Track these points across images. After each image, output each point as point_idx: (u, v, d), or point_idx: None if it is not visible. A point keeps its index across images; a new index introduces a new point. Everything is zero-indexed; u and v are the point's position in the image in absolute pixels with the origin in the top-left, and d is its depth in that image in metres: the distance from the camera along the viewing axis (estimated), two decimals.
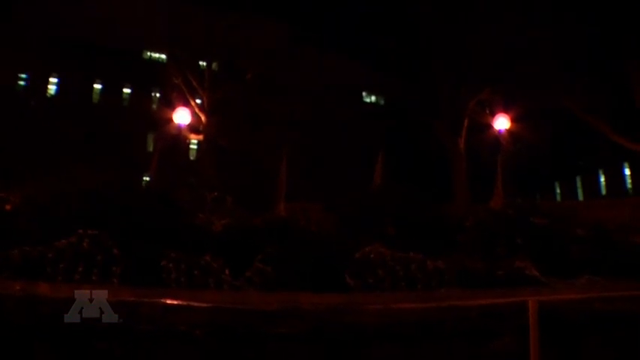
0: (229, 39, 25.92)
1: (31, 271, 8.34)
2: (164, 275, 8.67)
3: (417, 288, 9.32)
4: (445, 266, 9.73)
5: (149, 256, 8.81)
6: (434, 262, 9.71)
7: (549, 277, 10.25)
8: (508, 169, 19.50)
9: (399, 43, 25.08)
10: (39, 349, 5.69)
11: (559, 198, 41.39)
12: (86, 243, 8.68)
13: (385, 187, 15.55)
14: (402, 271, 9.40)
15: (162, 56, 33.82)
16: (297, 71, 29.48)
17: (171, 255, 8.83)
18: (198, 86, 26.51)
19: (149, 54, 38.32)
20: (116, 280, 8.53)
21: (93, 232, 8.83)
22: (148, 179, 20.09)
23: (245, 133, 26.58)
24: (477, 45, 23.05)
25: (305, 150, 28.25)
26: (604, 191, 39.83)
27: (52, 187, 11.05)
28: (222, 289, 8.76)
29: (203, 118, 26.34)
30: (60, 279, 8.31)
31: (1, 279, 7.99)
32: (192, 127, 25.60)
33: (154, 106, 36.71)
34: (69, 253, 8.60)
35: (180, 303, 6.55)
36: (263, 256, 9.22)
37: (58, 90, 36.13)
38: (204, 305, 6.43)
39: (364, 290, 9.10)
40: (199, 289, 8.58)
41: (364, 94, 44.71)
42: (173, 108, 22.88)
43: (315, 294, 7.98)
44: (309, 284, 8.52)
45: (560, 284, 10.14)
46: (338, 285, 9.04)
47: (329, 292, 8.31)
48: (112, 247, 8.77)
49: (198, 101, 26.80)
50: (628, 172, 38.00)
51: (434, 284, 9.48)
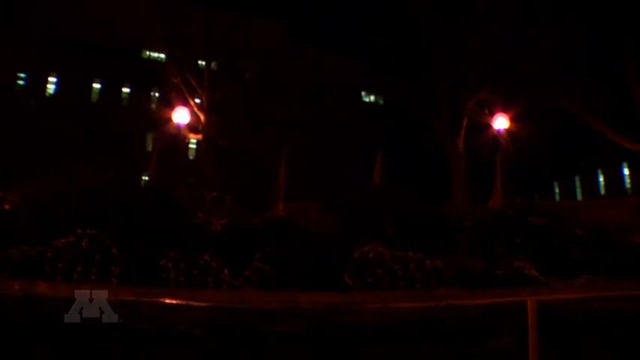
0: (229, 39, 25.91)
1: (30, 271, 8.34)
2: (163, 275, 8.68)
3: (416, 287, 9.33)
4: (444, 266, 9.74)
5: (148, 256, 8.81)
6: (433, 261, 9.72)
7: (548, 277, 10.26)
8: (507, 168, 19.50)
9: (399, 43, 25.04)
10: (38, 348, 5.69)
11: (558, 198, 41.44)
12: (85, 242, 8.69)
13: (384, 186, 15.56)
14: (400, 271, 9.41)
15: (162, 56, 33.75)
16: (297, 71, 29.47)
17: (171, 254, 8.84)
18: (197, 86, 26.50)
19: (148, 53, 38.30)
20: (115, 280, 8.53)
21: (92, 231, 8.84)
22: (147, 179, 20.11)
23: (245, 133, 26.56)
24: (476, 45, 23.03)
25: (305, 150, 28.26)
26: (603, 191, 39.86)
27: (51, 186, 11.05)
28: (221, 288, 8.77)
29: (202, 117, 26.33)
30: (59, 278, 8.31)
31: (1, 279, 7.99)
32: (192, 127, 25.58)
33: (153, 106, 36.70)
34: (68, 252, 8.60)
35: (180, 302, 6.55)
36: (262, 256, 9.22)
37: (57, 89, 36.12)
38: (203, 304, 6.43)
39: (363, 289, 9.10)
40: (198, 288, 8.58)
41: (363, 94, 44.72)
42: (172, 107, 22.85)
43: (314, 293, 7.98)
44: (307, 284, 8.53)
45: (559, 284, 10.15)
46: (337, 284, 9.04)
47: (328, 292, 8.31)
48: (111, 246, 8.77)
49: (197, 101, 26.79)
50: (627, 171, 38.03)
51: (433, 284, 9.49)
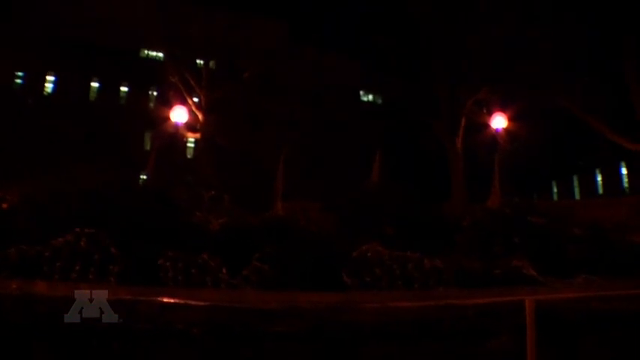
0: (229, 38, 25.86)
1: (29, 270, 8.32)
2: (161, 274, 8.67)
3: (415, 287, 9.34)
4: (442, 265, 9.75)
5: (146, 255, 8.80)
6: (431, 261, 9.73)
7: (546, 277, 10.27)
8: (505, 168, 19.52)
9: (399, 43, 25.03)
10: (36, 348, 5.67)
11: (556, 197, 41.41)
12: (83, 242, 8.67)
13: (384, 186, 15.57)
14: (399, 270, 9.42)
15: (160, 55, 33.67)
16: (297, 71, 29.39)
17: (169, 254, 8.83)
18: (195, 85, 26.46)
19: (146, 52, 38.20)
20: (113, 279, 8.52)
21: (90, 230, 8.82)
22: (145, 178, 20.09)
23: (245, 132, 26.52)
24: (476, 45, 23.03)
25: (304, 149, 28.16)
26: (601, 190, 39.90)
27: (50, 186, 11.03)
28: (219, 287, 8.76)
29: (200, 116, 26.30)
30: (57, 277, 8.29)
31: None
32: (190, 126, 25.56)
33: (151, 105, 36.61)
34: (66, 251, 8.58)
35: (178, 301, 6.54)
36: (261, 255, 9.22)
37: (55, 88, 36.00)
38: (201, 304, 6.42)
39: (362, 289, 9.11)
40: (197, 287, 8.58)
41: (363, 93, 44.71)
42: (170, 106, 22.80)
43: (313, 293, 7.98)
44: (306, 283, 8.52)
45: (558, 283, 10.16)
46: (335, 284, 9.04)
47: (327, 291, 8.31)
48: (109, 245, 8.75)
49: (195, 100, 26.76)
50: (625, 171, 38.08)
51: (431, 283, 9.50)
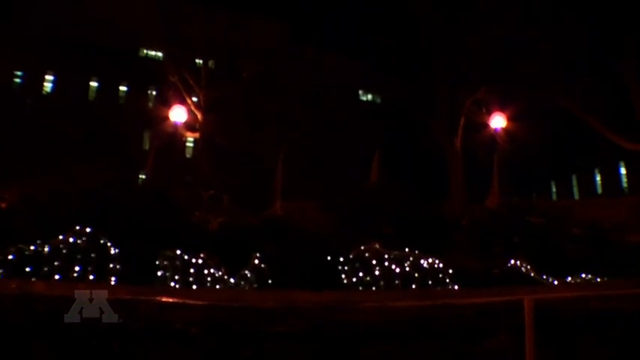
0: (229, 38, 25.82)
1: (28, 269, 8.31)
2: (160, 273, 8.66)
3: (413, 286, 9.35)
4: (441, 265, 9.76)
5: (145, 254, 8.80)
6: (430, 260, 9.74)
7: (545, 276, 10.31)
8: (504, 168, 19.53)
9: (399, 43, 25.02)
10: (36, 347, 5.66)
11: (555, 197, 41.41)
12: (82, 241, 8.67)
13: (383, 186, 15.57)
14: (397, 270, 9.42)
15: (159, 54, 33.62)
16: (297, 71, 29.36)
17: (167, 253, 8.83)
18: (194, 84, 26.44)
19: (145, 52, 38.12)
20: (112, 278, 8.52)
21: (89, 230, 8.81)
22: (144, 177, 20.06)
23: (245, 132, 26.49)
24: (476, 45, 23.02)
25: (304, 149, 28.16)
26: (600, 190, 39.92)
27: (50, 186, 11.02)
28: (218, 287, 8.76)
29: (199, 116, 26.28)
30: (56, 277, 8.29)
31: None
32: (189, 125, 25.54)
33: (150, 104, 36.54)
34: (65, 251, 8.58)
35: (176, 301, 6.53)
36: (259, 254, 9.22)
37: (54, 88, 35.90)
38: (199, 303, 6.41)
39: (360, 288, 9.11)
40: (195, 286, 8.58)
41: (362, 93, 44.68)
42: (169, 106, 22.79)
43: (311, 292, 7.98)
44: (305, 282, 8.52)
45: (556, 283, 10.20)
46: (335, 283, 9.05)
47: (325, 290, 8.31)
48: (108, 245, 8.75)
49: (194, 99, 26.74)
50: (624, 171, 38.09)
51: (429, 282, 9.52)
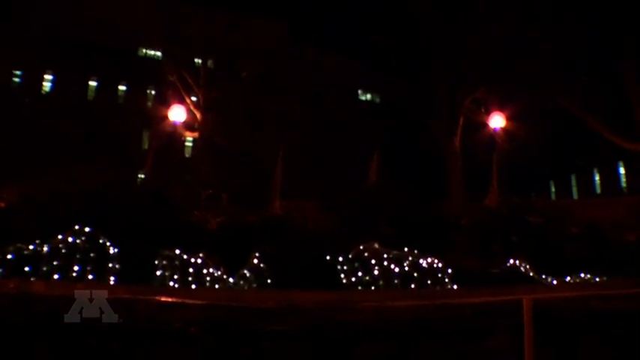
0: (228, 38, 25.82)
1: (27, 269, 8.31)
2: (159, 272, 8.66)
3: (412, 286, 9.35)
4: (440, 264, 9.76)
5: (144, 254, 8.79)
6: (429, 260, 9.74)
7: (544, 275, 10.31)
8: (503, 167, 19.54)
9: (399, 43, 25.02)
10: (36, 347, 5.66)
11: (554, 197, 41.44)
12: (81, 241, 8.66)
13: (383, 185, 15.58)
14: (397, 269, 9.42)
15: (158, 54, 33.65)
16: (297, 71, 29.37)
17: (167, 252, 8.83)
18: (193, 84, 26.43)
19: (144, 51, 38.11)
20: (111, 278, 8.52)
21: (88, 229, 8.80)
22: (143, 177, 20.06)
23: (244, 132, 26.50)
24: (476, 45, 23.03)
25: (304, 149, 28.17)
26: (599, 190, 39.97)
27: (50, 186, 11.02)
28: (217, 286, 8.76)
29: (198, 115, 26.27)
30: (55, 276, 8.28)
31: None
32: (188, 125, 25.53)
33: (149, 104, 36.53)
34: (64, 250, 8.57)
35: (175, 300, 6.52)
36: (259, 254, 9.21)
37: (53, 87, 35.90)
38: (198, 302, 6.40)
39: (359, 288, 9.11)
40: (194, 286, 8.57)
41: (362, 93, 44.70)
42: (168, 105, 22.78)
43: (310, 291, 7.97)
44: (304, 282, 8.52)
45: (556, 282, 10.20)
46: (333, 282, 9.05)
47: (324, 290, 8.31)
48: (107, 244, 8.75)
49: (193, 99, 26.72)
50: (623, 171, 38.14)
51: (429, 282, 9.51)
